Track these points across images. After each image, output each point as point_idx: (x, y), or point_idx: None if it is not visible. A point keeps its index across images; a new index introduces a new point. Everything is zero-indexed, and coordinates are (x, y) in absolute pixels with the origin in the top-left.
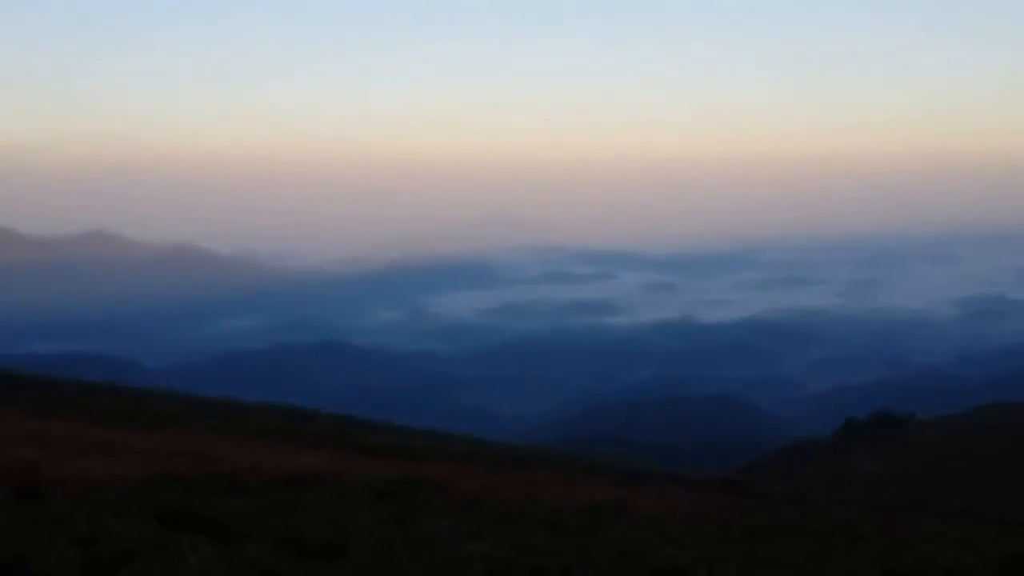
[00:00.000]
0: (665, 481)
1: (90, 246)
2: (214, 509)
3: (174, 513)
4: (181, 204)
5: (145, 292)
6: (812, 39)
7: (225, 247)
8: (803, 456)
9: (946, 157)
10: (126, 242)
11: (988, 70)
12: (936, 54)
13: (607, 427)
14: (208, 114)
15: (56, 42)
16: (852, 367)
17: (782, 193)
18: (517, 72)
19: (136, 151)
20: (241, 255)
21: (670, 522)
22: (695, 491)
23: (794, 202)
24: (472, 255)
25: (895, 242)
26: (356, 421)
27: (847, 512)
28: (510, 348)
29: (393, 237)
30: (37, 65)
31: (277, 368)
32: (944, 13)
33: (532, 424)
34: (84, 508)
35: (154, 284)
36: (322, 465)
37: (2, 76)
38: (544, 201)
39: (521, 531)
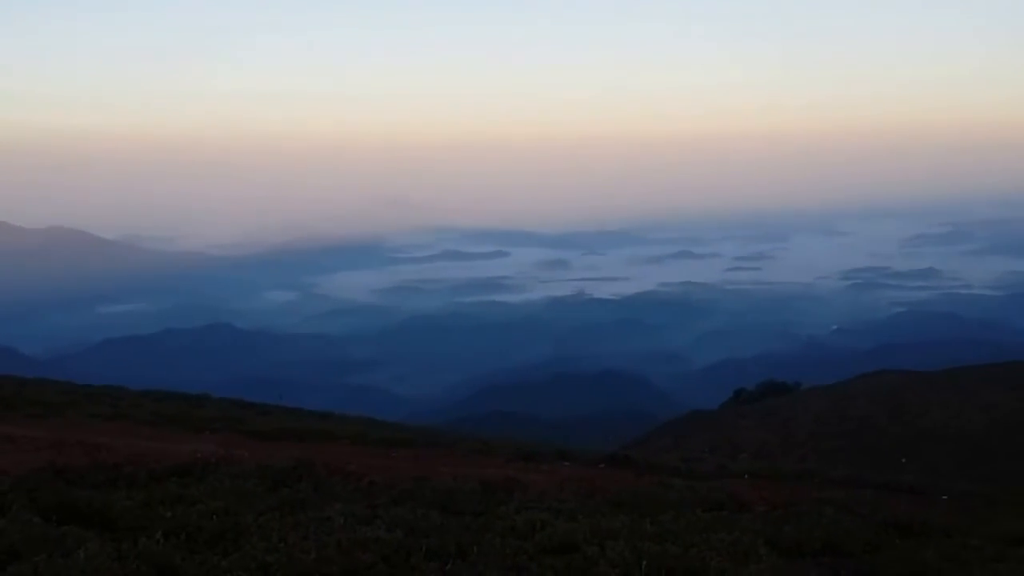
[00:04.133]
0: (557, 457)
1: None
2: (101, 501)
3: (60, 507)
4: (62, 187)
5: (24, 277)
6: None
7: (108, 231)
8: (693, 428)
9: (831, 134)
10: (4, 227)
11: (868, 48)
12: (815, 30)
13: (502, 404)
14: (89, 95)
15: None
16: (741, 340)
17: (671, 170)
18: (406, 54)
19: (12, 133)
20: (125, 239)
21: (561, 498)
22: (586, 466)
23: (683, 179)
24: (364, 236)
25: (782, 217)
26: (246, 405)
27: (734, 482)
28: (404, 327)
29: (283, 219)
30: None
31: (164, 353)
32: None
33: (427, 403)
34: None
35: (34, 269)
36: (212, 452)
37: None
38: (436, 181)
39: (414, 513)
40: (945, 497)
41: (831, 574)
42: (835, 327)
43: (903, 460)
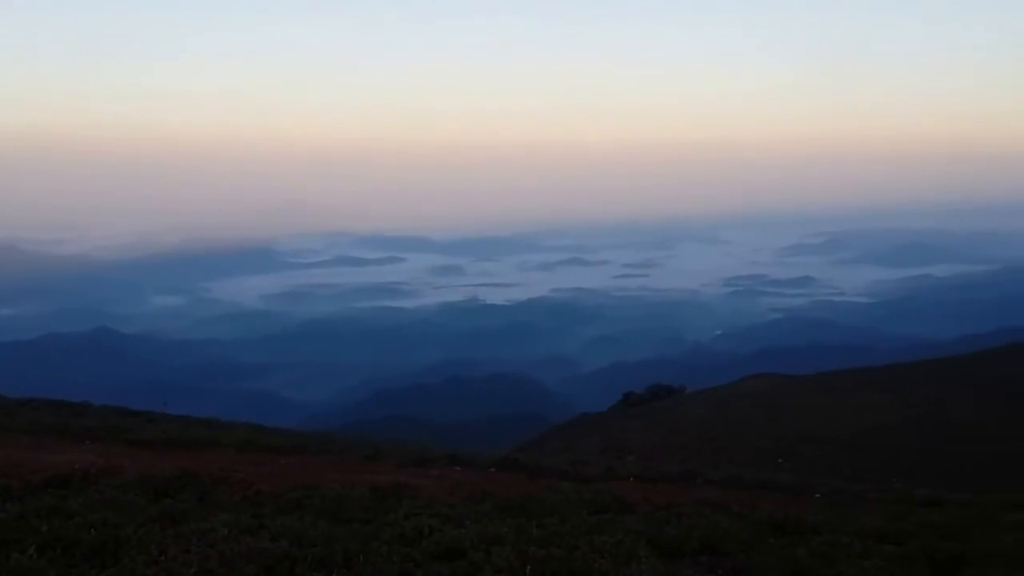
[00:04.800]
0: (448, 462)
1: None
2: None
3: None
4: None
5: None
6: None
7: None
8: (583, 430)
9: (714, 145)
10: None
11: (746, 61)
12: (698, 41)
13: (395, 409)
14: None
15: None
16: (629, 344)
17: (562, 178)
18: (302, 55)
19: None
20: (5, 241)
21: (451, 503)
22: (477, 470)
23: (574, 187)
24: (255, 241)
25: (669, 226)
26: (131, 413)
27: (620, 484)
28: (296, 333)
29: (172, 222)
30: None
31: (45, 360)
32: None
33: (320, 409)
34: None
35: None
36: (92, 462)
37: None
38: (330, 186)
39: (302, 521)
40: (818, 496)
41: (708, 573)
42: (718, 332)
43: (780, 460)
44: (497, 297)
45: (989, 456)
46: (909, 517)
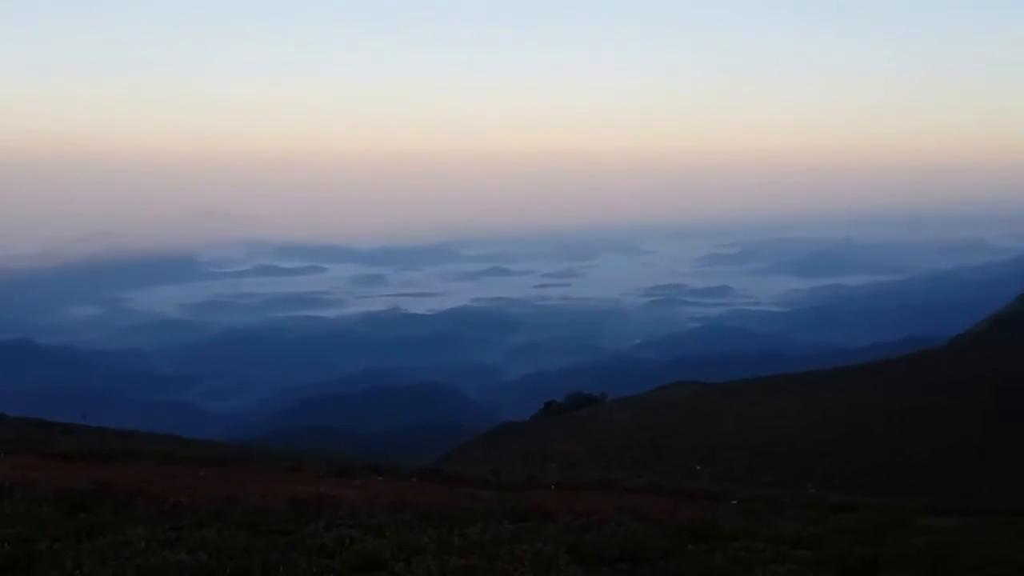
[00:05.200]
0: (370, 472)
1: None
2: None
3: None
4: None
5: None
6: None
7: None
8: (506, 439)
9: (634, 156)
10: None
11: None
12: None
13: (317, 420)
14: None
15: None
16: (551, 353)
17: (483, 188)
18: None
19: None
20: None
21: (371, 514)
22: (399, 480)
23: (497, 197)
24: (174, 250)
25: (590, 236)
26: (47, 425)
27: (541, 493)
28: (216, 343)
29: (88, 231)
30: None
31: None
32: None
33: (240, 420)
34: None
35: None
36: (6, 475)
37: None
38: (250, 195)
39: (220, 534)
40: (735, 502)
41: None
42: (638, 341)
43: (698, 467)
44: (419, 307)
45: (901, 462)
46: (823, 522)
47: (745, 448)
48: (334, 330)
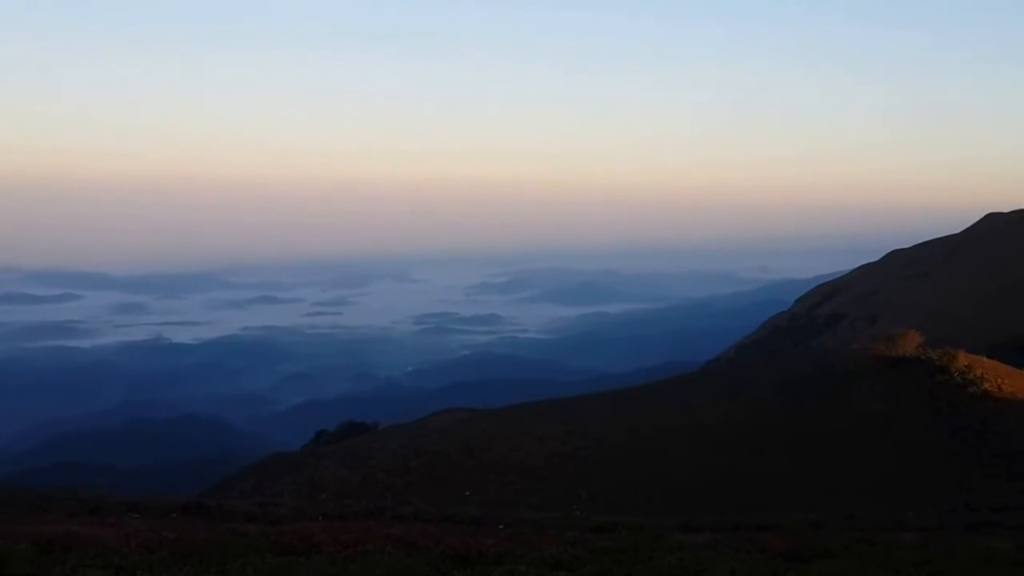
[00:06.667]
0: (126, 509)
1: None
2: None
3: None
4: None
5: None
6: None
7: None
8: (276, 470)
9: (404, 184)
10: None
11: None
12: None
13: (70, 456)
14: None
15: None
16: (322, 382)
17: (251, 215)
18: None
19: None
20: None
21: (125, 553)
22: (158, 516)
23: (263, 224)
24: None
25: (362, 264)
26: None
27: (309, 524)
28: None
29: None
30: None
31: None
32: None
33: None
34: None
35: None
36: None
37: None
38: None
39: None
40: (502, 526)
41: None
42: (410, 368)
43: (467, 493)
44: (184, 336)
45: (662, 481)
46: (583, 543)
47: (514, 473)
48: (89, 361)
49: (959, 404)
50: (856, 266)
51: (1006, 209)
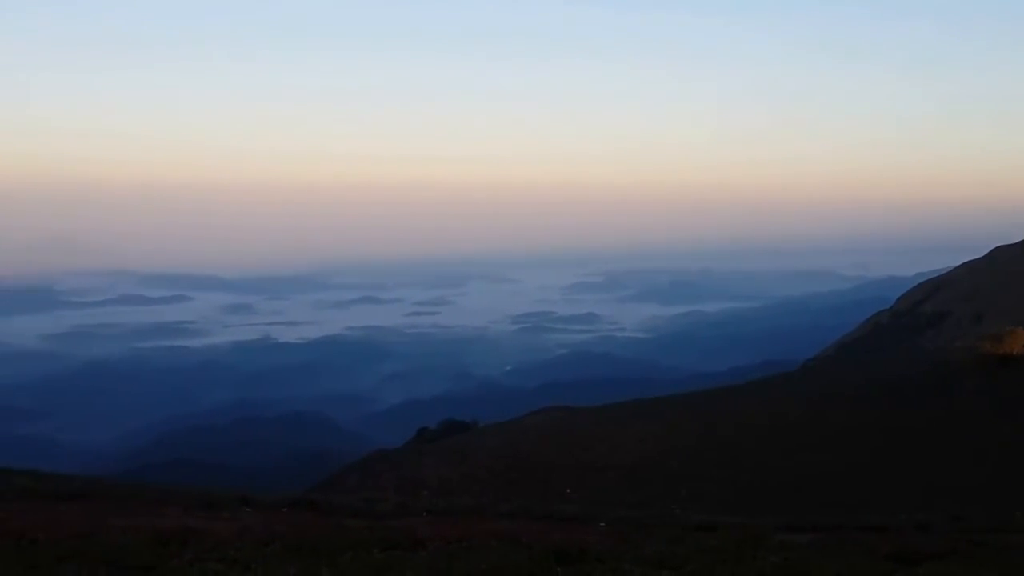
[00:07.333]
0: (239, 504)
1: None
2: None
3: None
4: None
5: None
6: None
7: None
8: (379, 467)
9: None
10: None
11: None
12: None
13: (185, 452)
14: None
15: None
16: (422, 381)
17: (353, 217)
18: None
19: None
20: None
21: (239, 547)
22: (269, 511)
23: (365, 226)
24: (31, 279)
25: (459, 265)
26: None
27: (413, 520)
28: (79, 374)
29: None
30: None
31: None
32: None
33: (104, 454)
34: None
35: None
36: None
37: None
38: (111, 222)
39: (80, 570)
40: (602, 524)
41: None
42: (508, 368)
43: (568, 491)
44: (290, 335)
45: (761, 480)
46: (685, 542)
47: (613, 471)
48: (200, 360)
49: None
50: (959, 263)
51: None
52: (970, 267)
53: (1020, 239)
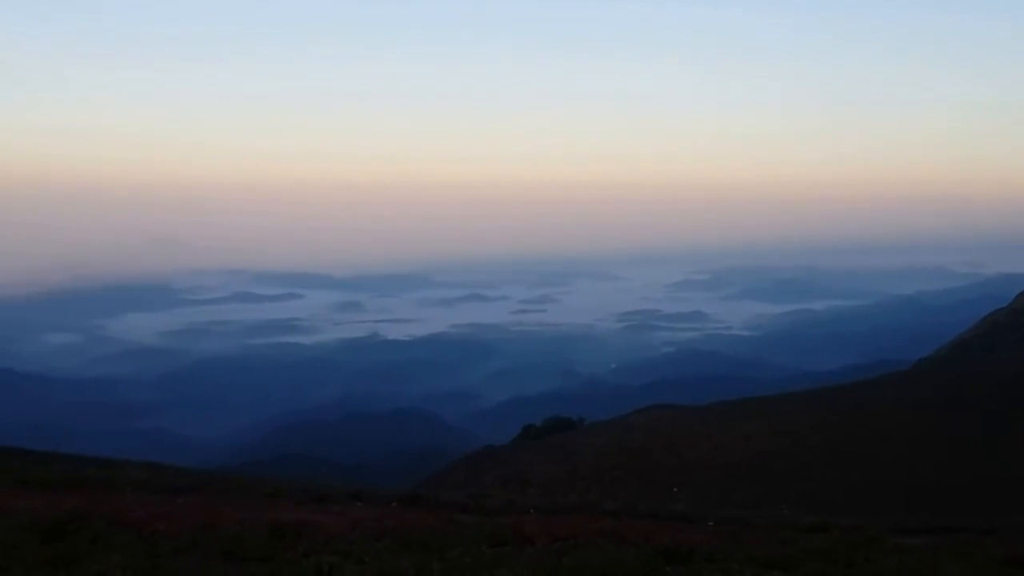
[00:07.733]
0: (350, 498)
1: None
2: None
3: None
4: None
5: None
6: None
7: None
8: (485, 463)
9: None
10: None
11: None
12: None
13: (295, 446)
14: None
15: None
16: (527, 378)
17: (459, 216)
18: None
19: None
20: None
21: (351, 540)
22: (379, 506)
23: (471, 224)
24: (150, 277)
25: (564, 263)
26: (23, 453)
27: (520, 516)
28: (193, 369)
29: (61, 258)
30: None
31: None
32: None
33: (217, 446)
34: None
35: None
36: None
37: None
38: (225, 223)
39: (198, 561)
40: (711, 523)
41: None
42: (613, 366)
43: (675, 489)
44: (397, 333)
45: (872, 481)
46: (796, 543)
47: (720, 470)
48: (311, 356)
49: None
50: None
51: None
52: None
53: None
